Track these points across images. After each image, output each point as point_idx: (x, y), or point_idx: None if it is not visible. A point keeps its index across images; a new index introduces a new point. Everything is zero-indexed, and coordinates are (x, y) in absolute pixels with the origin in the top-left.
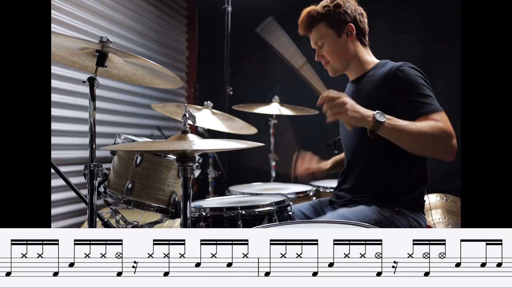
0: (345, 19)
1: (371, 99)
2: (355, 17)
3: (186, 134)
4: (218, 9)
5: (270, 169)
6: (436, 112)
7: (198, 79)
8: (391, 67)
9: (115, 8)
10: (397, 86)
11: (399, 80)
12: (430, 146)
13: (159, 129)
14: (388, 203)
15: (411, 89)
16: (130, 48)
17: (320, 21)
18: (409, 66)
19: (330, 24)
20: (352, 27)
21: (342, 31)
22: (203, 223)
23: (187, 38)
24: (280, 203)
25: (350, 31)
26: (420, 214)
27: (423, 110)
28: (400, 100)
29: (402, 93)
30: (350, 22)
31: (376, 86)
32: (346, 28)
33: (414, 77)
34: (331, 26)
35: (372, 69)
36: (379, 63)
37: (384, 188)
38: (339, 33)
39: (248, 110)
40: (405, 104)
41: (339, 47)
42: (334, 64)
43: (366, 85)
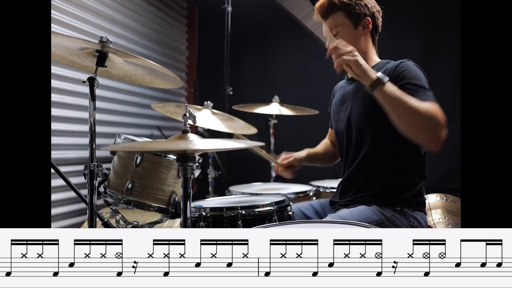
0: (364, 12)
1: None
2: (374, 13)
3: (187, 134)
4: (218, 9)
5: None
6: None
7: (198, 79)
8: (393, 65)
9: (115, 8)
10: (399, 76)
11: (402, 72)
12: (418, 125)
13: (159, 129)
14: (389, 202)
15: (412, 80)
16: (130, 48)
17: (339, 9)
18: (412, 62)
19: (349, 14)
20: (369, 21)
21: (359, 24)
22: (203, 223)
23: (187, 38)
24: (280, 203)
25: (367, 24)
26: (421, 213)
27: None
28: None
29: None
30: (368, 16)
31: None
32: (363, 21)
33: (416, 70)
34: (349, 16)
35: (374, 66)
36: (381, 62)
37: (386, 187)
38: (356, 24)
39: (248, 110)
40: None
41: (353, 39)
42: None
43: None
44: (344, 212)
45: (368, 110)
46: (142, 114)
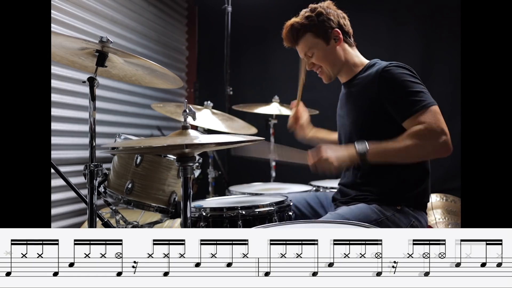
0: (330, 26)
1: (361, 102)
2: (339, 22)
3: (187, 130)
4: (218, 9)
5: (270, 169)
6: (424, 109)
7: (198, 79)
8: (378, 68)
9: (115, 8)
10: (385, 88)
11: (386, 82)
12: (421, 153)
13: (159, 129)
14: (390, 200)
15: (398, 89)
16: (130, 48)
17: (305, 32)
18: (395, 65)
19: (317, 34)
20: (338, 32)
21: (329, 38)
22: (203, 223)
23: (187, 38)
24: (280, 203)
25: (337, 35)
26: (422, 212)
27: (412, 109)
28: (389, 102)
29: (390, 95)
30: (335, 27)
31: (365, 88)
32: (332, 34)
33: (400, 76)
34: (318, 35)
35: (361, 71)
36: (368, 64)
37: (387, 184)
38: (327, 40)
39: (248, 110)
40: (394, 106)
41: (329, 54)
42: (327, 70)
43: (356, 88)
44: (344, 210)
45: (363, 114)
46: (142, 114)
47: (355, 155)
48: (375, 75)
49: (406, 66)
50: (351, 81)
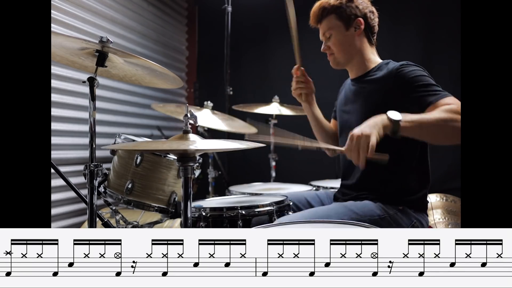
0: (355, 13)
1: (374, 100)
2: (366, 14)
3: (188, 134)
4: (218, 9)
5: (270, 169)
6: (448, 96)
7: (198, 79)
8: (393, 67)
9: (115, 8)
10: (402, 84)
11: (403, 78)
12: (451, 131)
13: (159, 129)
14: (391, 201)
15: (416, 84)
16: (130, 48)
17: (330, 13)
18: (410, 63)
19: (340, 16)
20: (361, 22)
21: (350, 25)
22: (203, 223)
23: (187, 38)
24: (280, 203)
25: (359, 25)
26: (423, 214)
27: (431, 99)
28: (407, 97)
29: (407, 90)
30: (360, 17)
31: (379, 86)
32: (355, 22)
33: (417, 72)
34: (340, 18)
35: (374, 69)
36: (381, 63)
37: (388, 188)
38: (348, 26)
39: (248, 110)
40: (413, 99)
41: (345, 40)
42: (338, 56)
43: (368, 85)
44: (350, 202)
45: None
46: (142, 114)
47: (388, 123)
48: (390, 74)
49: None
50: (363, 77)
